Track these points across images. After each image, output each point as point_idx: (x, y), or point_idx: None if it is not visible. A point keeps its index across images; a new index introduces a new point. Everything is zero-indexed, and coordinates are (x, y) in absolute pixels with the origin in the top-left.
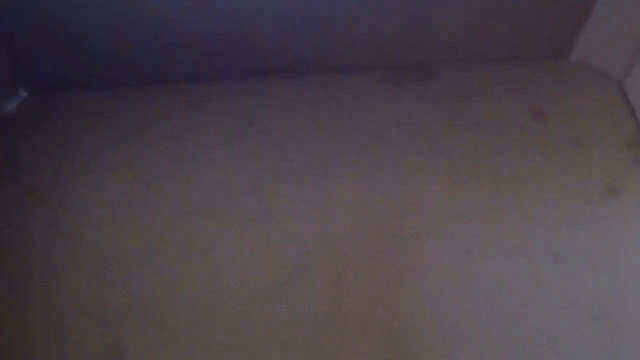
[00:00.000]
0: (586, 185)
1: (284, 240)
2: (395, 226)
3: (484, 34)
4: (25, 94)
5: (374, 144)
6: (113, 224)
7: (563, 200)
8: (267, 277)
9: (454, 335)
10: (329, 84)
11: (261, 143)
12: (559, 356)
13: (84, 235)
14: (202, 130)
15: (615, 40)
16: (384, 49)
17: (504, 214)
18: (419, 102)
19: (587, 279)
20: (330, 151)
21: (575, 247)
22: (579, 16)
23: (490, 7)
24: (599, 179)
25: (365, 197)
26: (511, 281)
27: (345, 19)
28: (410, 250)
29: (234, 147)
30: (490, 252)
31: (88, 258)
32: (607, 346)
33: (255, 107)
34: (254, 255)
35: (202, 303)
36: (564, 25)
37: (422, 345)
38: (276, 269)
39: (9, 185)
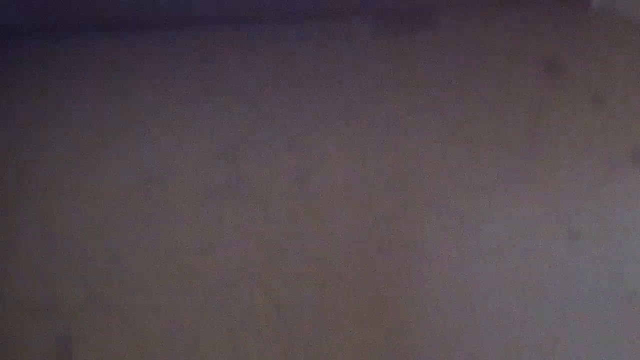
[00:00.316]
0: (609, 151)
1: (258, 218)
2: (387, 203)
3: None
4: None
5: (367, 101)
6: (63, 193)
7: (582, 168)
8: (240, 260)
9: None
10: (326, 32)
11: (233, 102)
12: (580, 342)
13: (33, 203)
14: (173, 82)
15: None
16: None
17: (513, 182)
18: (417, 54)
19: (606, 258)
20: (314, 113)
21: (595, 220)
22: None
23: None
24: (623, 143)
25: (354, 166)
26: (526, 255)
27: None
28: (407, 243)
29: (204, 104)
30: (498, 230)
31: (35, 229)
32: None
33: (226, 59)
34: (223, 235)
35: (159, 290)
36: None
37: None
38: (250, 251)
39: None
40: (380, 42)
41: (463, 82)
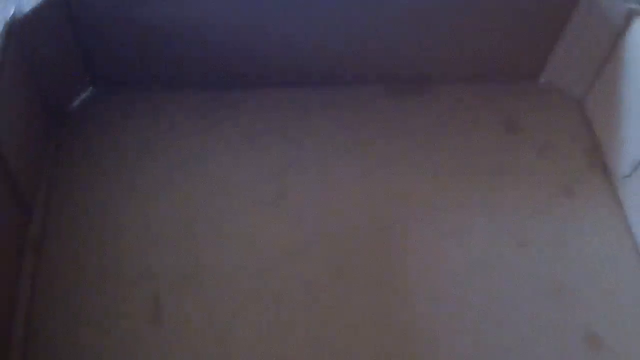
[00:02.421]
0: (547, 186)
1: (295, 220)
2: (388, 212)
3: (470, 57)
4: (91, 90)
5: (372, 145)
6: (156, 204)
7: (528, 196)
8: (280, 249)
9: (433, 295)
10: (334, 95)
11: (277, 142)
12: (524, 322)
13: (131, 213)
14: (227, 129)
15: (576, 65)
16: (384, 65)
17: (478, 205)
18: (410, 113)
19: (545, 261)
20: (335, 149)
21: (536, 234)
22: (549, 42)
23: (473, 37)
24: (558, 181)
25: (364, 188)
26: (483, 260)
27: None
28: (400, 232)
29: (254, 144)
30: (466, 236)
31: (137, 224)
32: (559, 315)
33: (271, 113)
34: (270, 230)
35: (228, 267)
36: (537, 49)
37: (410, 301)
38: (288, 243)
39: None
40: (383, 103)
41: (443, 135)
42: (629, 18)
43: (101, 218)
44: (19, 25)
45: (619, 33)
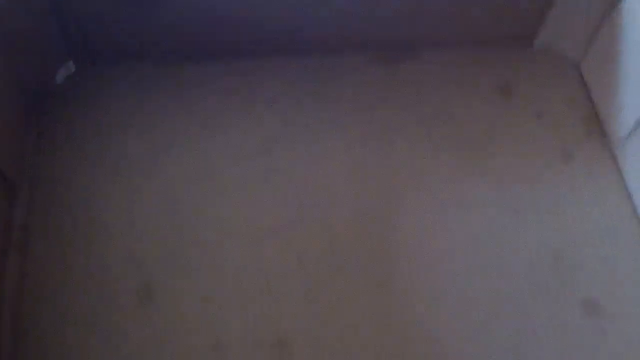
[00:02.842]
0: (545, 153)
1: (286, 194)
2: (380, 184)
3: (462, 22)
4: (73, 66)
5: (364, 114)
6: (140, 188)
7: (524, 164)
8: (269, 226)
9: (432, 262)
10: (327, 63)
11: (266, 114)
12: (516, 296)
13: (120, 185)
14: (212, 104)
15: (573, 28)
16: (372, 32)
17: (474, 173)
18: (404, 79)
19: (543, 229)
20: (325, 121)
21: (532, 202)
22: (544, 6)
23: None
24: (556, 148)
25: (356, 159)
26: (479, 229)
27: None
28: (394, 202)
29: (241, 116)
30: (462, 206)
31: (124, 202)
32: (558, 284)
33: (257, 84)
34: (258, 208)
35: (217, 242)
36: (531, 13)
37: (405, 270)
38: (280, 216)
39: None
40: (376, 70)
41: (435, 103)
42: None
43: (86, 208)
44: None
45: None
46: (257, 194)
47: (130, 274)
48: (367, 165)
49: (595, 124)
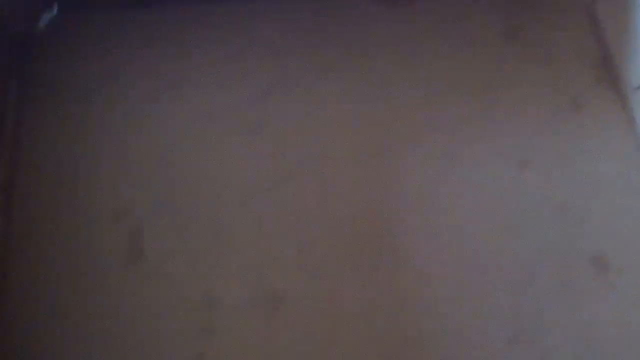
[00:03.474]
0: (552, 101)
1: (278, 148)
2: (378, 135)
3: None
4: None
5: (360, 61)
6: (130, 138)
7: (530, 113)
8: (265, 178)
9: (431, 218)
10: (317, 6)
11: (261, 59)
12: (526, 247)
13: (108, 138)
14: (206, 52)
15: None
16: None
17: (477, 124)
18: (405, 21)
19: (550, 182)
20: (323, 66)
21: (540, 154)
22: None
23: None
24: (564, 96)
25: (353, 108)
26: (482, 182)
27: None
28: (392, 155)
29: (237, 63)
30: (464, 158)
31: (112, 156)
32: (568, 236)
33: (255, 27)
34: (256, 158)
35: (211, 197)
36: None
37: (403, 227)
38: (274, 170)
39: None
40: (376, 11)
41: (435, 47)
42: None
43: (71, 163)
44: None
45: None
46: (252, 147)
47: (118, 230)
48: (364, 115)
49: (607, 69)
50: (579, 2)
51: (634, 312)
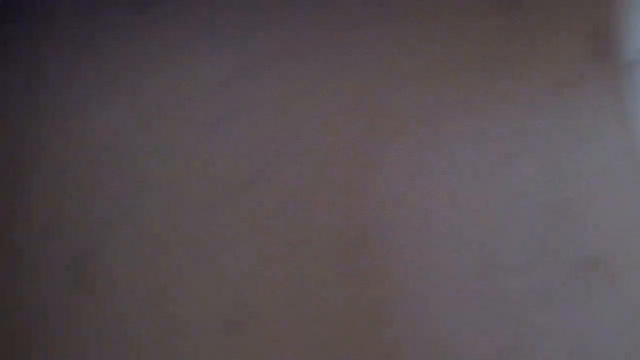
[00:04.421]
0: (543, 82)
1: (254, 141)
2: (363, 124)
3: None
4: None
5: (344, 41)
6: (75, 128)
7: (520, 94)
8: (241, 174)
9: (414, 216)
10: None
11: (232, 41)
12: (515, 248)
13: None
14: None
15: None
16: None
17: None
18: None
19: (534, 173)
20: (300, 46)
21: (530, 142)
22: None
23: None
24: (557, 76)
25: (334, 96)
26: (463, 174)
27: None
28: (379, 147)
29: (212, 43)
30: (452, 147)
31: (49, 165)
32: (556, 240)
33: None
34: (223, 155)
35: (176, 196)
36: None
37: (386, 221)
38: (245, 168)
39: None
40: None
41: (432, 17)
42: None
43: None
44: None
45: None
46: (223, 138)
47: (59, 244)
48: (346, 104)
49: (603, 45)
50: None
51: (631, 313)
